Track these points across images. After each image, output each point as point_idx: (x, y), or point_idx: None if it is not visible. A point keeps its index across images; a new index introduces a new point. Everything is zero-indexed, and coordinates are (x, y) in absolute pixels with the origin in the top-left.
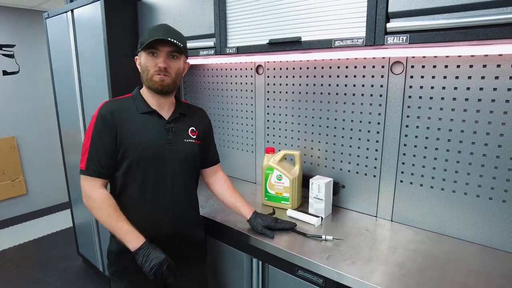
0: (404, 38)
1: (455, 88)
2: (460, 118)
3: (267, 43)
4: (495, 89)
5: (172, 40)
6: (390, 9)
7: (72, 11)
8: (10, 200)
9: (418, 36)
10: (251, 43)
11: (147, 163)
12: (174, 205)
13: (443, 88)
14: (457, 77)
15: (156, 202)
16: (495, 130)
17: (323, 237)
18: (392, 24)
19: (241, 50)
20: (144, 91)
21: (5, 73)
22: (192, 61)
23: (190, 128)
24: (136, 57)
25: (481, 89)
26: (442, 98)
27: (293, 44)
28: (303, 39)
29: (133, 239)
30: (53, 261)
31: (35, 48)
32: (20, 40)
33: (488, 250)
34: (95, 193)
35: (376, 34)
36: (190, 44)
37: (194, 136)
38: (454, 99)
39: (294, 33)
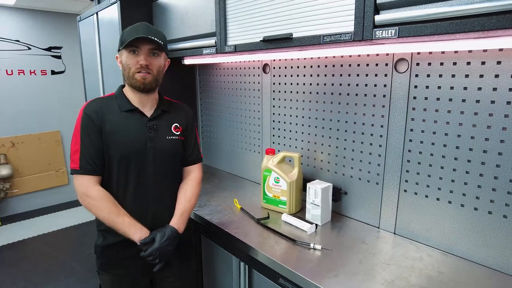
0: (393, 31)
1: (465, 88)
2: (470, 122)
3: (261, 41)
4: (511, 89)
5: (152, 38)
6: (378, 0)
7: (97, 13)
8: (53, 189)
9: (407, 29)
10: (248, 41)
11: (129, 161)
12: (156, 203)
13: (451, 88)
14: (467, 76)
15: (137, 200)
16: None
17: (311, 245)
18: (381, 17)
19: (239, 48)
20: (127, 90)
21: (53, 72)
22: (197, 60)
23: (174, 125)
24: (116, 55)
25: (494, 89)
26: (450, 100)
27: (285, 41)
28: (294, 35)
29: (136, 231)
30: (81, 248)
31: (78, 50)
32: (66, 42)
33: (499, 276)
34: (92, 191)
35: (364, 28)
36: (194, 43)
37: (178, 133)
38: (463, 100)
39: (287, 29)
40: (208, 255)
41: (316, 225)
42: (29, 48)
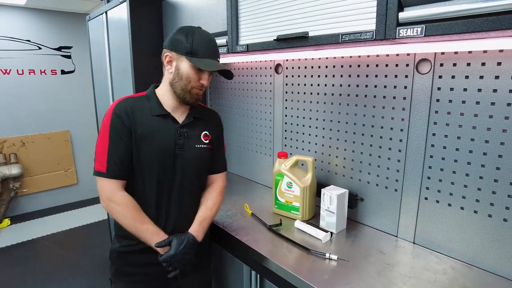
0: (419, 29)
1: (494, 91)
2: (500, 127)
3: (274, 40)
4: None
5: (227, 68)
6: None
7: (106, 12)
8: (62, 188)
9: (435, 27)
10: (260, 40)
11: (156, 167)
12: (179, 211)
13: (479, 90)
14: (497, 77)
15: (160, 207)
16: None
17: (327, 255)
18: (405, 14)
19: (251, 48)
20: (161, 92)
21: (63, 72)
22: None
23: (203, 132)
24: (167, 54)
25: None
26: (477, 103)
27: (300, 40)
28: (310, 34)
29: (160, 240)
30: (89, 247)
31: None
32: (76, 41)
33: None
34: (118, 197)
35: (387, 26)
36: None
37: (207, 141)
38: (492, 103)
39: (302, 28)
40: (217, 262)
41: (331, 233)
42: (40, 48)
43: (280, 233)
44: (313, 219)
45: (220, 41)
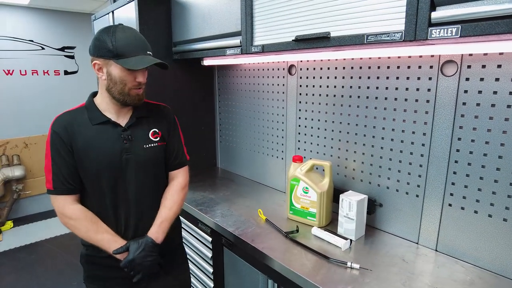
0: (454, 30)
1: None
2: None
3: (293, 40)
4: None
5: (157, 61)
6: None
7: (112, 12)
8: None
9: (472, 27)
10: (277, 41)
11: (105, 175)
12: (138, 216)
13: (510, 93)
14: None
15: (118, 214)
16: None
17: (349, 264)
18: (439, 13)
19: (267, 49)
20: (100, 99)
21: (66, 72)
22: (218, 61)
23: (152, 131)
24: (95, 61)
25: None
26: (509, 106)
27: (321, 41)
28: (332, 34)
29: (117, 247)
30: None
31: None
32: (79, 41)
33: None
34: (69, 210)
35: (417, 27)
36: (217, 43)
37: (157, 139)
38: None
39: (323, 28)
40: (231, 270)
41: (351, 240)
42: (43, 48)
43: (297, 241)
44: (329, 225)
45: (233, 41)
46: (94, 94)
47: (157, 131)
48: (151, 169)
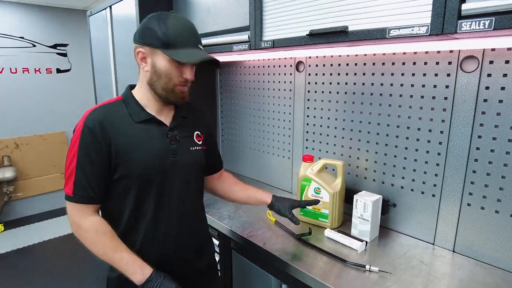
0: (487, 22)
1: None
2: None
3: (307, 35)
4: None
5: (212, 57)
6: None
7: (110, 7)
8: (58, 192)
9: (507, 19)
10: (289, 35)
11: (149, 181)
12: (179, 225)
13: None
14: None
15: (158, 224)
16: None
17: (367, 267)
18: (470, 5)
19: (278, 44)
20: (140, 93)
21: (58, 71)
22: (225, 57)
23: (196, 133)
24: (139, 49)
25: None
26: None
27: (338, 35)
28: (350, 28)
29: (136, 271)
30: (89, 255)
31: (85, 47)
32: (72, 39)
33: None
34: (86, 222)
35: (445, 20)
36: (223, 39)
37: (200, 142)
38: None
39: (339, 22)
40: (240, 274)
41: (366, 242)
42: (34, 46)
43: (311, 243)
44: (342, 226)
45: (241, 37)
46: (132, 87)
47: (200, 134)
48: (195, 175)
